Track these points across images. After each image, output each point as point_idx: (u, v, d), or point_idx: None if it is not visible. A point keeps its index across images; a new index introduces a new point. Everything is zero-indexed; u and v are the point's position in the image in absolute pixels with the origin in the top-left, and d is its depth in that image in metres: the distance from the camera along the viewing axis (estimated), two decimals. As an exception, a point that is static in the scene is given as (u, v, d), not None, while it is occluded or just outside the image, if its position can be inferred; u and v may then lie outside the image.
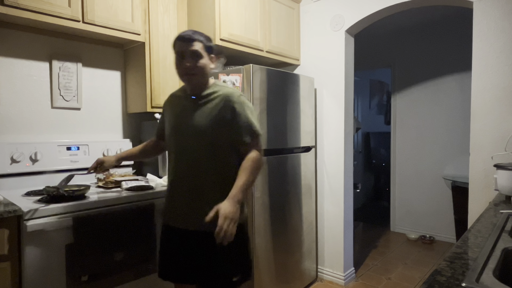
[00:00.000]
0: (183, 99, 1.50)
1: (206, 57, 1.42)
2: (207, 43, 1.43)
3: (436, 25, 3.83)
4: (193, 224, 1.40)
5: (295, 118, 2.51)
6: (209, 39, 1.47)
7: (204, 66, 1.41)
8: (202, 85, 1.46)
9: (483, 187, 2.07)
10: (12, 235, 1.35)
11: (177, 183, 1.44)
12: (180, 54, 1.39)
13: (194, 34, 1.40)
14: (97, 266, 1.51)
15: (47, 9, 1.67)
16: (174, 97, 1.57)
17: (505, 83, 2.00)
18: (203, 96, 1.44)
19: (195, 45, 1.39)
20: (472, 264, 0.81)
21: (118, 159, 1.67)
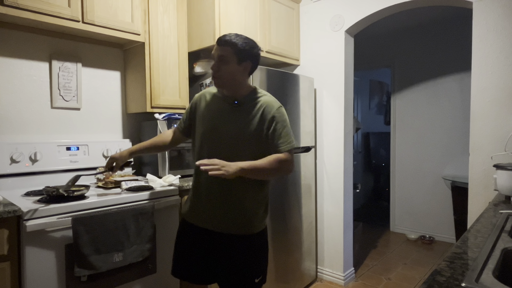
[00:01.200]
0: (221, 100, 1.47)
1: (234, 63, 1.37)
2: (241, 49, 1.37)
3: (436, 25, 3.83)
4: (222, 227, 1.43)
5: (295, 118, 2.51)
6: (248, 45, 1.39)
7: (228, 72, 1.38)
8: (235, 91, 1.43)
9: (482, 187, 2.07)
10: (11, 235, 1.34)
11: (209, 185, 1.43)
12: (212, 56, 1.42)
13: (231, 38, 1.37)
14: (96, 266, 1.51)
15: (47, 9, 1.67)
16: (210, 95, 1.52)
17: (505, 83, 2.00)
18: (241, 102, 1.43)
19: (223, 50, 1.37)
20: (472, 264, 0.81)
21: (131, 153, 1.66)
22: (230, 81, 1.40)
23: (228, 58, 1.36)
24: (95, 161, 2.06)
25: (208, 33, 2.26)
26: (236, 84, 1.41)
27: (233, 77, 1.39)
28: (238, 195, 1.42)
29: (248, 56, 1.39)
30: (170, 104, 2.22)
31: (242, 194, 1.42)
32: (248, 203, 1.43)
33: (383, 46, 4.27)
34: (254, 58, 1.42)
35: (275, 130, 1.39)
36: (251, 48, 1.40)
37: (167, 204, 1.82)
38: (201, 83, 2.40)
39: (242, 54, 1.37)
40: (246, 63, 1.40)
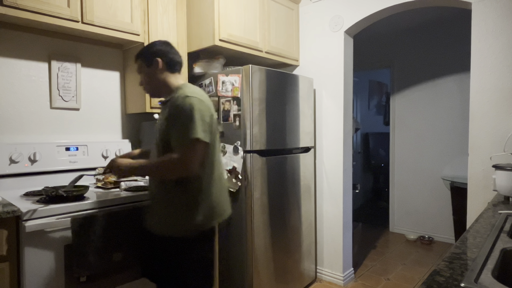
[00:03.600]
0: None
1: (145, 68, 1.48)
2: (144, 53, 1.48)
3: (435, 26, 3.83)
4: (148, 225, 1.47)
5: (294, 118, 2.52)
6: (149, 46, 1.50)
7: (146, 80, 1.49)
8: (162, 92, 1.50)
9: (482, 188, 2.08)
10: (11, 236, 1.34)
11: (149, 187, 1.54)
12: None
13: (138, 51, 1.51)
14: (95, 267, 1.50)
15: (46, 9, 1.67)
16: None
17: (503, 84, 2.01)
18: (164, 102, 1.49)
19: (136, 65, 1.52)
20: (471, 264, 0.81)
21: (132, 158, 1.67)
22: (153, 85, 1.49)
23: (140, 68, 1.49)
24: (94, 161, 2.06)
25: (207, 34, 2.26)
26: (160, 85, 1.48)
27: (152, 80, 1.48)
28: (160, 196, 1.42)
29: (152, 54, 1.46)
30: (169, 104, 2.22)
31: (163, 195, 1.41)
32: (168, 204, 1.39)
33: (383, 47, 4.28)
34: (160, 53, 1.47)
35: (169, 125, 1.35)
36: (152, 46, 1.48)
37: (166, 204, 1.82)
38: (200, 83, 2.41)
39: (146, 56, 1.47)
40: (155, 61, 1.45)
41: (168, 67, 1.47)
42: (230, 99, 2.23)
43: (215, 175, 1.44)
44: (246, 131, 2.17)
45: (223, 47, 2.29)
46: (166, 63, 1.47)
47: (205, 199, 1.40)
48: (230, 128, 2.25)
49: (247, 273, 2.20)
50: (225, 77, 2.25)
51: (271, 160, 2.32)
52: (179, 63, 1.52)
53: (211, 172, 1.42)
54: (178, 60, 1.52)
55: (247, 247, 2.20)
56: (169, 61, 1.47)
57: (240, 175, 2.19)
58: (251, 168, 2.18)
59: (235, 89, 2.21)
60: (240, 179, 2.19)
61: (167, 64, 1.47)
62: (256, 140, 2.19)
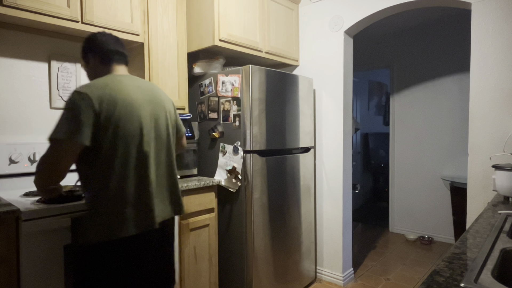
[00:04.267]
0: None
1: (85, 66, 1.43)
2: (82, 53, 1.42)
3: (435, 26, 3.84)
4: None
5: (294, 118, 2.52)
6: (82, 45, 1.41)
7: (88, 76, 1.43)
8: None
9: (481, 188, 2.08)
10: (10, 236, 1.34)
11: None
12: None
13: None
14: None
15: (46, 9, 1.67)
16: None
17: (503, 84, 2.01)
18: None
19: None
20: (471, 264, 0.81)
21: None
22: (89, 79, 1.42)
23: (83, 67, 1.44)
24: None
25: (207, 34, 2.26)
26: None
27: (91, 77, 1.40)
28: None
29: (84, 51, 1.40)
30: (169, 104, 2.22)
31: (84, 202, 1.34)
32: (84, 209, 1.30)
33: (382, 47, 4.28)
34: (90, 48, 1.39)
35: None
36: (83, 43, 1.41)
37: (166, 204, 1.82)
38: (200, 83, 2.41)
39: (83, 55, 1.41)
40: (89, 57, 1.40)
41: (100, 60, 1.37)
42: (230, 99, 2.23)
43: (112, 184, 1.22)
44: (246, 131, 2.17)
45: (223, 47, 2.29)
46: (99, 58, 1.37)
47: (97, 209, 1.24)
48: (230, 128, 2.25)
49: (247, 273, 2.20)
50: (225, 77, 2.25)
51: (271, 160, 2.32)
52: (113, 53, 1.37)
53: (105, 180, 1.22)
54: (111, 48, 1.37)
55: (247, 247, 2.20)
56: (101, 53, 1.37)
57: (240, 175, 2.19)
58: (251, 168, 2.18)
59: (235, 89, 2.21)
60: (240, 179, 2.19)
61: (100, 58, 1.37)
62: (255, 140, 2.19)
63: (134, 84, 1.36)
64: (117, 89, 1.27)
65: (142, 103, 1.33)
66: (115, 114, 1.23)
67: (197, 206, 2.08)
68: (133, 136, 1.27)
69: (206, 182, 2.12)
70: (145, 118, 1.32)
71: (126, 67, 1.45)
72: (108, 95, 1.23)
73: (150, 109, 1.36)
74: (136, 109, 1.29)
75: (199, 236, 2.09)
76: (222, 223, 2.33)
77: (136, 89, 1.34)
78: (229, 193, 2.27)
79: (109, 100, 1.23)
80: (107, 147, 1.22)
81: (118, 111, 1.23)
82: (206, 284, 2.13)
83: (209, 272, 2.15)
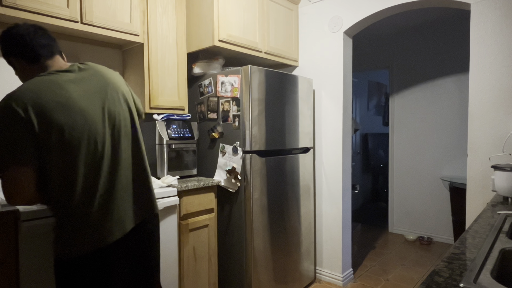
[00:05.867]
0: None
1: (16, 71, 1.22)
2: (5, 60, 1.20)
3: (434, 27, 3.84)
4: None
5: (294, 119, 2.52)
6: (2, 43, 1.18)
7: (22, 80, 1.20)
8: None
9: (480, 188, 2.08)
10: (9, 237, 1.34)
11: None
12: None
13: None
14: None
15: (46, 9, 1.67)
16: None
17: (502, 84, 2.01)
18: None
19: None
20: (470, 264, 0.81)
21: None
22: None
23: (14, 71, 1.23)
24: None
25: (207, 34, 2.26)
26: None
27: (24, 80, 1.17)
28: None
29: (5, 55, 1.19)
30: (168, 104, 2.22)
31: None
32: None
33: (382, 47, 4.29)
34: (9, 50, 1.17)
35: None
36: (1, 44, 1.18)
37: (165, 205, 1.82)
38: (199, 84, 2.41)
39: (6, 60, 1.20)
40: (12, 61, 1.19)
41: (27, 61, 1.17)
42: (230, 100, 2.23)
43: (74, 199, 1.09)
44: (245, 131, 2.17)
45: (223, 47, 2.29)
46: (22, 58, 1.16)
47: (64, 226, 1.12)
48: (230, 129, 2.25)
49: (247, 273, 2.20)
50: (225, 78, 2.25)
51: (270, 161, 2.32)
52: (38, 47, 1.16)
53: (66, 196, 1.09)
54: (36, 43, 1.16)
55: (247, 248, 2.20)
56: (24, 53, 1.16)
57: (239, 175, 2.19)
58: (250, 169, 2.18)
59: (234, 89, 2.21)
60: (239, 179, 2.19)
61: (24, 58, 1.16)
62: (255, 141, 2.19)
63: (75, 77, 1.15)
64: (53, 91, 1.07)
65: (89, 99, 1.13)
66: (55, 122, 1.04)
67: (196, 207, 2.08)
68: (83, 140, 1.09)
69: (205, 183, 2.12)
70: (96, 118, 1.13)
71: (60, 56, 1.24)
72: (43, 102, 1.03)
73: (101, 101, 1.16)
74: (83, 111, 1.10)
75: (198, 236, 2.09)
76: (221, 224, 2.33)
77: (78, 84, 1.14)
78: (229, 193, 2.27)
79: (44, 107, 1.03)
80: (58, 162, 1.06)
81: (59, 118, 1.05)
82: (205, 284, 2.13)
83: (209, 272, 2.15)
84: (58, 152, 1.06)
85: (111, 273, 1.18)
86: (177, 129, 2.22)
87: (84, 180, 1.10)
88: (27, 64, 1.17)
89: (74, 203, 1.10)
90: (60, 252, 1.12)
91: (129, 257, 1.25)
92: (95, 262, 1.14)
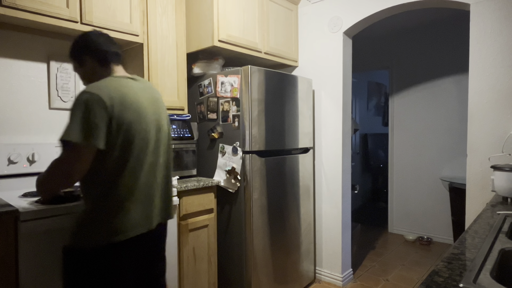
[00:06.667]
0: None
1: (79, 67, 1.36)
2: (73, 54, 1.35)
3: (434, 27, 3.85)
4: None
5: (293, 119, 2.52)
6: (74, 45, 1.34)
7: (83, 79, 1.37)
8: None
9: (480, 188, 2.08)
10: (9, 237, 1.34)
11: None
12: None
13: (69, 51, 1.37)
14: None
15: (45, 10, 1.66)
16: None
17: (502, 85, 2.01)
18: None
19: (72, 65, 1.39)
20: (470, 265, 0.82)
21: None
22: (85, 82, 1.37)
23: (75, 68, 1.38)
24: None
25: (206, 34, 2.26)
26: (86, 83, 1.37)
27: (88, 78, 1.34)
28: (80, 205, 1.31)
29: (80, 53, 1.33)
30: (168, 105, 2.21)
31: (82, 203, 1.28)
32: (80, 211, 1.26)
33: (381, 48, 4.29)
34: (87, 50, 1.32)
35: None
36: (76, 44, 1.34)
37: (165, 205, 1.81)
38: (199, 84, 2.41)
39: (76, 57, 1.35)
40: (85, 59, 1.33)
41: (99, 62, 1.33)
42: (229, 100, 2.24)
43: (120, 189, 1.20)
44: (245, 131, 2.17)
45: (222, 47, 2.29)
46: (98, 60, 1.33)
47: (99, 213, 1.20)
48: (229, 129, 2.25)
49: (246, 273, 2.20)
50: (224, 78, 2.25)
51: (270, 161, 2.32)
52: (111, 54, 1.34)
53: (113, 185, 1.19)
54: (111, 50, 1.35)
55: (246, 248, 2.20)
56: (99, 55, 1.32)
57: (239, 175, 2.19)
58: (250, 169, 2.18)
59: (234, 89, 2.21)
60: (239, 179, 2.19)
61: (98, 60, 1.33)
62: (255, 141, 2.19)
63: (138, 85, 1.33)
64: (125, 91, 1.24)
65: (147, 105, 1.30)
66: (126, 118, 1.20)
67: (196, 207, 2.08)
68: (142, 140, 1.25)
69: (205, 183, 2.12)
70: (150, 121, 1.30)
71: (122, 65, 1.42)
72: (119, 98, 1.20)
73: (153, 111, 1.34)
74: (143, 113, 1.27)
75: (198, 237, 2.09)
76: (221, 224, 2.33)
77: (140, 91, 1.31)
78: (228, 193, 2.27)
79: (120, 103, 1.19)
80: (117, 152, 1.18)
81: (128, 115, 1.21)
82: (205, 285, 2.13)
83: (208, 273, 2.15)
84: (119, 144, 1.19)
85: (131, 265, 1.28)
86: (176, 129, 2.22)
87: (130, 172, 1.22)
88: (98, 65, 1.33)
89: (118, 192, 1.20)
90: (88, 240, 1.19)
91: (146, 253, 1.36)
92: (121, 251, 1.23)
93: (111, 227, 1.19)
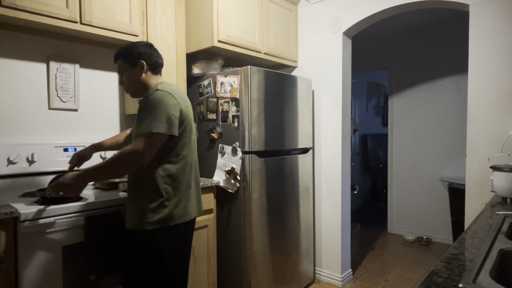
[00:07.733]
0: None
1: (128, 69, 1.49)
2: (128, 54, 1.49)
3: (433, 28, 3.85)
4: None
5: (293, 119, 2.52)
6: (132, 47, 1.50)
7: (127, 80, 1.51)
8: (143, 92, 1.52)
9: (479, 189, 2.08)
10: (8, 237, 1.34)
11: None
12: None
13: (119, 50, 1.52)
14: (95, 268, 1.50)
15: (45, 10, 1.66)
16: None
17: (501, 85, 2.02)
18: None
19: (117, 64, 1.53)
20: (469, 265, 0.82)
21: (95, 148, 1.75)
22: (135, 86, 1.51)
23: (123, 68, 1.51)
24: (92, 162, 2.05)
25: (206, 35, 2.26)
26: (142, 86, 1.51)
27: (134, 81, 1.50)
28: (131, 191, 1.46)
29: (136, 56, 1.48)
30: (168, 105, 2.22)
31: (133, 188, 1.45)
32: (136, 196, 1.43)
33: (381, 48, 4.29)
34: (144, 55, 1.49)
35: (137, 119, 1.39)
36: (136, 48, 1.50)
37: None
38: (199, 84, 2.41)
39: (131, 58, 1.49)
40: (139, 63, 1.49)
41: (151, 69, 1.51)
42: (229, 100, 2.24)
43: (186, 171, 1.47)
44: (244, 132, 2.17)
45: (222, 48, 2.29)
46: (149, 65, 1.50)
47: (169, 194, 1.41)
48: (229, 129, 2.25)
49: (246, 274, 2.20)
50: (224, 78, 2.25)
51: (270, 161, 2.33)
52: (161, 65, 1.57)
53: (180, 168, 1.45)
54: (161, 62, 1.56)
55: (246, 248, 2.20)
56: (153, 63, 1.52)
57: (239, 176, 2.19)
58: (250, 169, 2.18)
59: (233, 90, 2.21)
60: (239, 180, 2.19)
61: (151, 66, 1.51)
62: (254, 141, 2.20)
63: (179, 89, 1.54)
64: (181, 94, 1.48)
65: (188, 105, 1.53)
66: (187, 116, 1.46)
67: (195, 207, 2.08)
68: (191, 136, 1.51)
69: (204, 183, 2.12)
70: (192, 120, 1.54)
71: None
72: (181, 99, 1.44)
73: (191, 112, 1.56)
74: (190, 113, 1.52)
75: (198, 237, 2.09)
76: (221, 224, 2.33)
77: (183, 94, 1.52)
78: (228, 194, 2.27)
79: (183, 103, 1.44)
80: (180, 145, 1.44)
81: (187, 114, 1.46)
82: (205, 285, 2.13)
83: (208, 273, 2.15)
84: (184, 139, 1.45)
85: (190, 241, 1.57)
86: (176, 130, 2.22)
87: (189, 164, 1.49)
88: (149, 70, 1.51)
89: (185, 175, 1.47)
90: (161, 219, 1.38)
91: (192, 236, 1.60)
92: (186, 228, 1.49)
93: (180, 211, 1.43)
